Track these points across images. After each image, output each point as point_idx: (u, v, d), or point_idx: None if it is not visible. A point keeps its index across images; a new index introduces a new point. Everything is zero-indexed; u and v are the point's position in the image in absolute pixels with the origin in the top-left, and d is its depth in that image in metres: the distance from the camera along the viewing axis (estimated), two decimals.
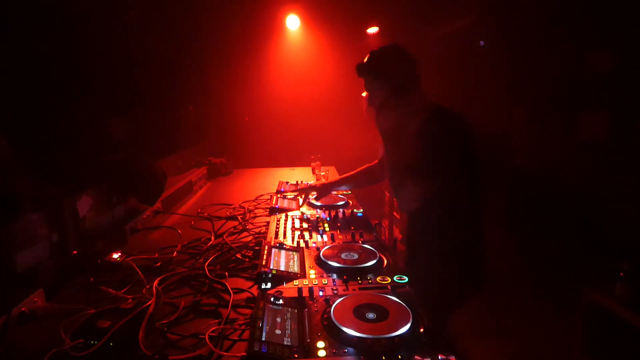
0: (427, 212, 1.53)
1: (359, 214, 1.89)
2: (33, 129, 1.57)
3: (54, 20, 1.68)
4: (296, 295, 1.07)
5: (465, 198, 1.53)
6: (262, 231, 1.74)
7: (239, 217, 1.94)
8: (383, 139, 1.85)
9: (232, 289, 1.18)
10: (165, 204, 2.11)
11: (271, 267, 1.23)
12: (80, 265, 1.39)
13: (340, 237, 1.57)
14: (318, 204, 2.03)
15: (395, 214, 3.81)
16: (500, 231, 3.59)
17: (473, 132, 1.49)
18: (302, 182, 2.55)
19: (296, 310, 1.00)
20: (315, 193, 2.02)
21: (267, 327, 0.91)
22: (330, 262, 1.28)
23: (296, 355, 0.84)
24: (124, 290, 1.22)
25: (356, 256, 1.33)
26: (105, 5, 2.10)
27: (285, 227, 1.70)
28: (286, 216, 1.85)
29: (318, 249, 1.41)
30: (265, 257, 1.29)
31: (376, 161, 2.01)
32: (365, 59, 1.62)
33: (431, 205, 1.49)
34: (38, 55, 1.59)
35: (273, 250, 1.36)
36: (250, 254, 1.48)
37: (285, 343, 0.87)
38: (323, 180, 2.30)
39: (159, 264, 1.43)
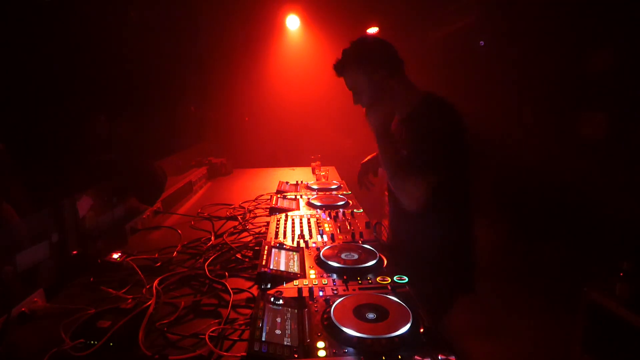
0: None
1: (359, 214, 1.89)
2: (33, 129, 1.57)
3: (53, 20, 1.68)
4: (296, 295, 1.07)
5: (454, 193, 1.49)
6: (262, 231, 1.74)
7: (239, 217, 1.94)
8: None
9: (232, 289, 1.18)
10: (165, 204, 2.11)
11: (271, 267, 1.23)
12: (80, 265, 1.39)
13: (340, 237, 1.57)
14: (318, 203, 2.03)
15: None
16: (500, 231, 3.59)
17: (465, 123, 1.42)
18: (302, 182, 2.55)
19: (296, 310, 1.00)
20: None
21: (267, 327, 0.91)
22: (330, 262, 1.28)
23: (296, 355, 0.84)
24: (124, 290, 1.22)
25: (356, 256, 1.33)
26: (105, 5, 2.10)
27: (285, 227, 1.70)
28: (286, 216, 1.86)
29: (318, 249, 1.41)
30: (265, 257, 1.28)
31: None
32: (343, 57, 1.56)
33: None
34: (37, 55, 1.59)
35: (273, 250, 1.36)
36: (250, 254, 1.48)
37: (285, 343, 0.87)
38: (322, 180, 2.28)
39: (159, 264, 1.43)
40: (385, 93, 1.51)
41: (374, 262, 1.28)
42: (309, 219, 1.78)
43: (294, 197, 2.21)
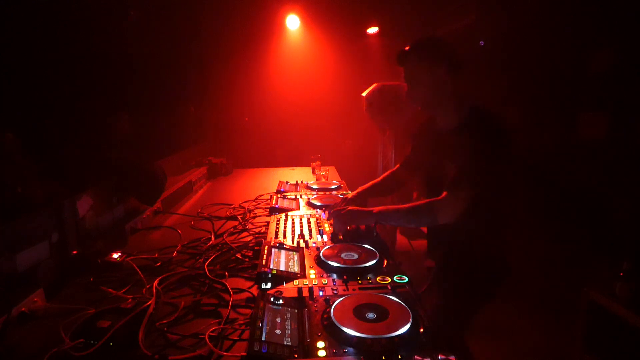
0: (460, 224, 1.45)
1: None
2: (33, 129, 1.57)
3: (54, 21, 1.69)
4: (296, 295, 1.07)
5: (501, 208, 1.53)
6: (262, 231, 1.74)
7: (239, 217, 1.94)
8: (416, 138, 1.81)
9: (232, 289, 1.18)
10: (165, 204, 2.11)
11: (271, 267, 1.23)
12: (80, 265, 1.39)
13: (340, 237, 1.57)
14: (318, 203, 2.03)
15: None
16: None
17: (511, 138, 1.43)
18: (301, 182, 2.55)
19: (296, 310, 1.00)
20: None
21: (267, 327, 0.91)
22: (330, 262, 1.28)
23: (296, 355, 0.84)
24: (124, 290, 1.22)
25: (356, 256, 1.33)
26: (106, 5, 2.10)
27: (285, 227, 1.70)
28: (286, 216, 1.85)
29: (318, 249, 1.41)
30: (265, 257, 1.28)
31: (398, 165, 1.96)
32: (410, 46, 1.52)
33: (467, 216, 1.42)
34: (39, 55, 1.59)
35: (273, 250, 1.36)
36: (250, 254, 1.48)
37: (285, 343, 0.87)
38: (322, 180, 2.26)
39: (159, 264, 1.43)
40: (441, 93, 1.51)
41: (374, 262, 1.28)
42: (309, 219, 1.78)
43: (294, 197, 2.21)
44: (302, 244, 1.48)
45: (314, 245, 1.48)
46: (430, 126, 1.70)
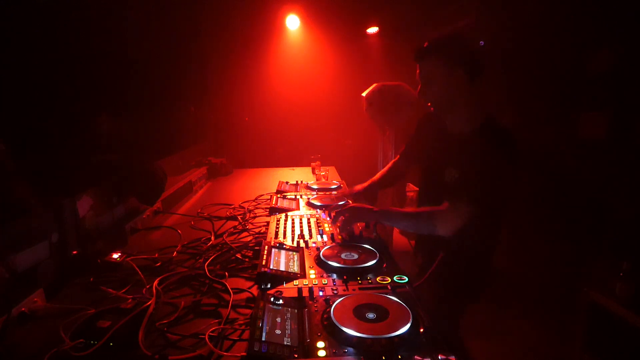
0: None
1: None
2: (33, 130, 1.57)
3: (51, 19, 1.68)
4: (296, 295, 1.07)
5: (497, 220, 1.52)
6: (262, 231, 1.74)
7: (239, 217, 1.94)
8: (419, 127, 1.79)
9: (232, 289, 1.18)
10: (165, 204, 2.11)
11: (271, 267, 1.23)
12: (80, 265, 1.39)
13: (340, 237, 1.57)
14: (318, 203, 2.03)
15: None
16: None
17: (519, 154, 1.41)
18: (301, 182, 2.55)
19: (296, 310, 1.00)
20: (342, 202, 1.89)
21: (267, 327, 0.91)
22: (330, 262, 1.28)
23: (296, 355, 0.84)
24: (124, 290, 1.22)
25: (356, 256, 1.33)
26: (105, 4, 2.10)
27: (285, 227, 1.70)
28: (286, 216, 1.85)
29: (318, 249, 1.41)
30: (265, 257, 1.28)
31: (397, 157, 1.97)
32: (429, 42, 1.47)
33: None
34: (36, 54, 1.59)
35: (273, 250, 1.36)
36: (250, 254, 1.48)
37: (285, 343, 0.87)
38: (322, 180, 2.25)
39: (159, 264, 1.43)
40: (455, 96, 1.47)
41: (374, 262, 1.28)
42: (309, 219, 1.78)
43: (294, 197, 2.21)
44: (302, 244, 1.48)
45: (314, 245, 1.48)
46: (436, 120, 1.67)
